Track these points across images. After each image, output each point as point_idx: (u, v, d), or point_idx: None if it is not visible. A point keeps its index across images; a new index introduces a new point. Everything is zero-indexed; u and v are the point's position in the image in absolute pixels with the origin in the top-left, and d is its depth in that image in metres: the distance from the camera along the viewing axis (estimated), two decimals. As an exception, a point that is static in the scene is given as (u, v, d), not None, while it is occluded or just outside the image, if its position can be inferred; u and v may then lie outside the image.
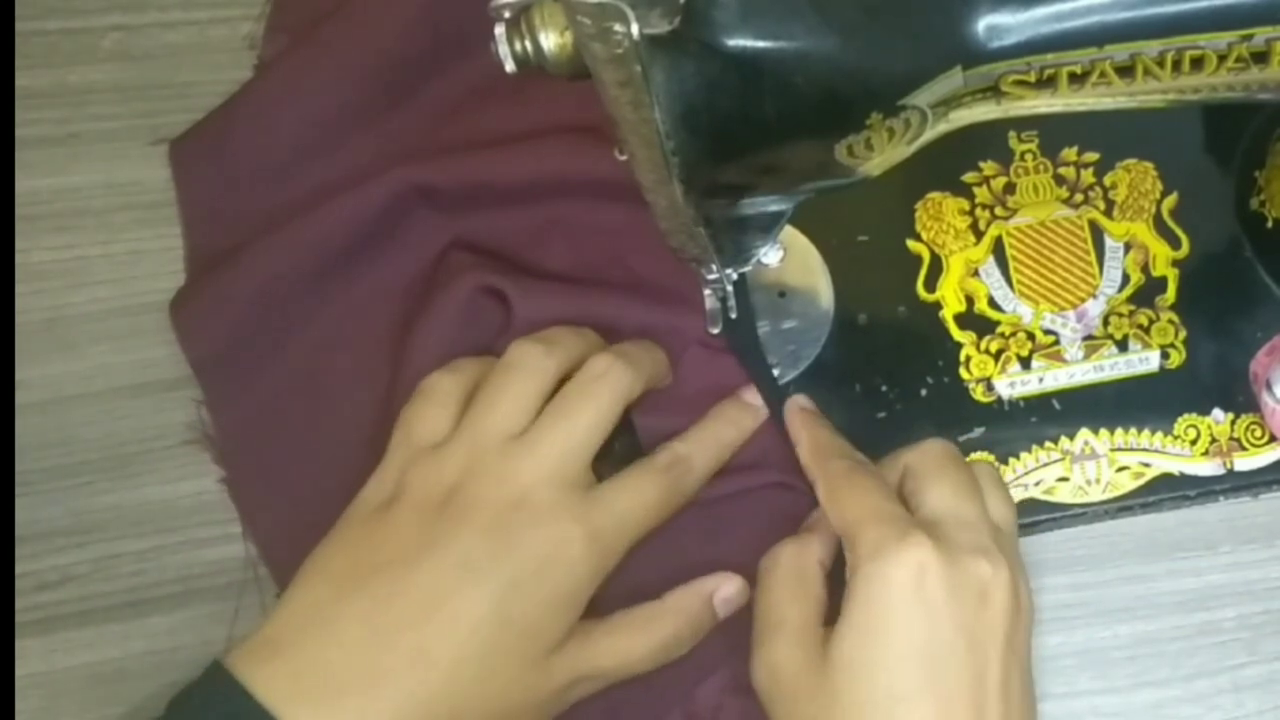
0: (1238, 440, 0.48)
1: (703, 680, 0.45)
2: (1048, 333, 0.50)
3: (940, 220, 0.51)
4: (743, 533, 0.46)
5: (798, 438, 0.46)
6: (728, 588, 0.44)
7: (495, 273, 0.48)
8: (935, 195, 0.51)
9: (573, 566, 0.39)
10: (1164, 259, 0.50)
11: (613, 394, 0.42)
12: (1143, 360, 0.49)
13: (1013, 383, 0.49)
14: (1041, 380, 0.49)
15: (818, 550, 0.43)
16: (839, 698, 0.38)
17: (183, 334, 0.49)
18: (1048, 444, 0.48)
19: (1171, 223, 0.51)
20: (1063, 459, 0.48)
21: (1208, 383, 0.49)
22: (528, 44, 0.32)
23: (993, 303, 0.50)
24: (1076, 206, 0.51)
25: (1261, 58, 0.33)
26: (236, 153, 0.51)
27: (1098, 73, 0.34)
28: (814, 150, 0.34)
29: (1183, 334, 0.49)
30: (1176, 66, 0.33)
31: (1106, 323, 0.50)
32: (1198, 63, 0.33)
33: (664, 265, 0.47)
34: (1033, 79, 0.34)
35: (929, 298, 0.50)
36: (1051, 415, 0.49)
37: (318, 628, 0.38)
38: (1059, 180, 0.51)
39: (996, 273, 0.50)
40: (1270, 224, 0.49)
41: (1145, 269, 0.50)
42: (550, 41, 0.32)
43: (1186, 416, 0.49)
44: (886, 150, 0.34)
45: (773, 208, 0.40)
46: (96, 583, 0.48)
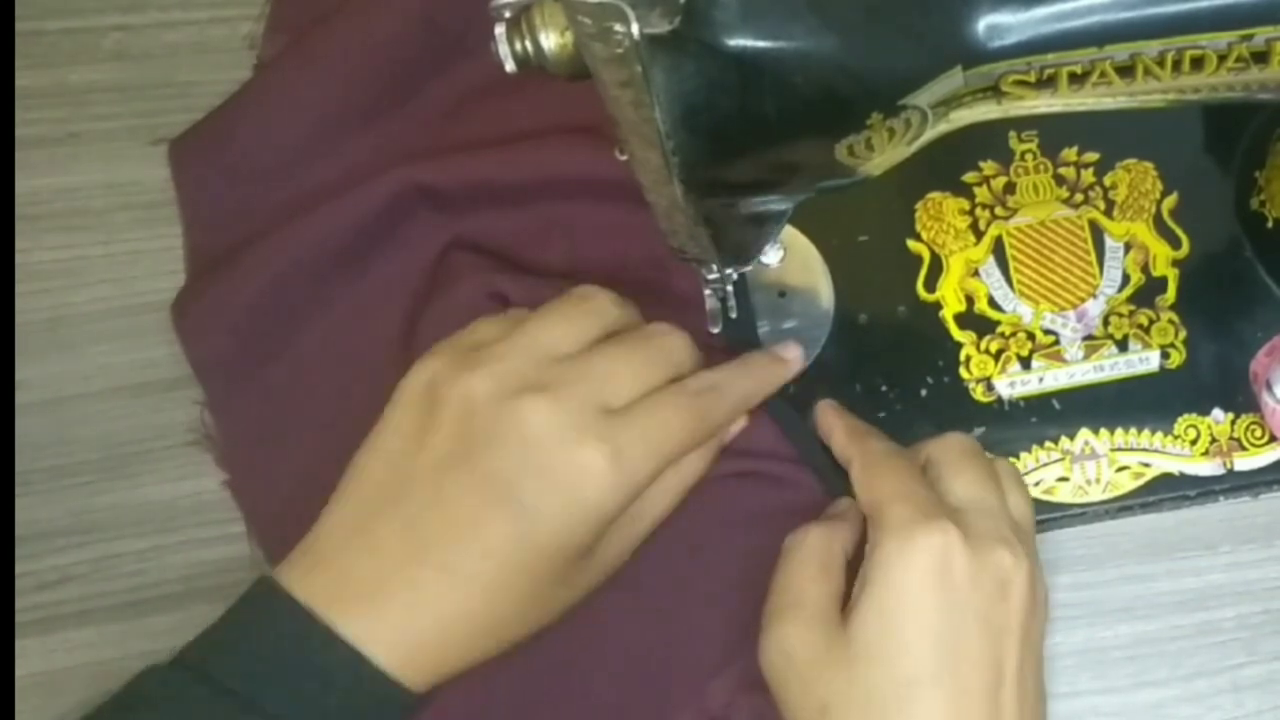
0: (1238, 440, 0.48)
1: (715, 677, 0.45)
2: (1048, 333, 0.50)
3: (940, 220, 0.51)
4: (735, 516, 0.46)
5: (832, 425, 0.45)
6: (735, 427, 0.45)
7: (496, 273, 0.48)
8: (935, 195, 0.51)
9: (597, 488, 0.39)
10: (1164, 259, 0.50)
11: (674, 358, 0.42)
12: (1143, 360, 0.49)
13: (1013, 382, 0.49)
14: (1041, 380, 0.49)
15: (844, 536, 0.43)
16: (854, 680, 0.38)
17: (185, 336, 0.49)
18: (1048, 444, 0.48)
19: (1171, 223, 0.51)
20: (1063, 459, 0.48)
21: (1208, 383, 0.49)
22: (528, 44, 0.32)
23: (993, 303, 0.50)
24: (1076, 206, 0.51)
25: (1261, 58, 0.33)
26: (236, 152, 0.51)
27: (1098, 73, 0.34)
28: (814, 150, 0.34)
29: (1183, 334, 0.49)
30: (1176, 66, 0.33)
31: (1106, 323, 0.50)
32: (1198, 63, 0.33)
33: (664, 265, 0.47)
34: (1033, 79, 0.34)
35: (929, 298, 0.50)
36: (1051, 415, 0.49)
37: (359, 541, 0.38)
38: (1059, 180, 0.51)
39: (996, 273, 0.50)
40: (1270, 224, 0.49)
41: (1145, 269, 0.50)
42: (551, 41, 0.32)
43: (1186, 416, 0.49)
44: (887, 150, 0.34)
45: (773, 208, 0.40)
46: (96, 583, 0.48)
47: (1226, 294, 0.50)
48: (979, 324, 0.50)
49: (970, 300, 0.50)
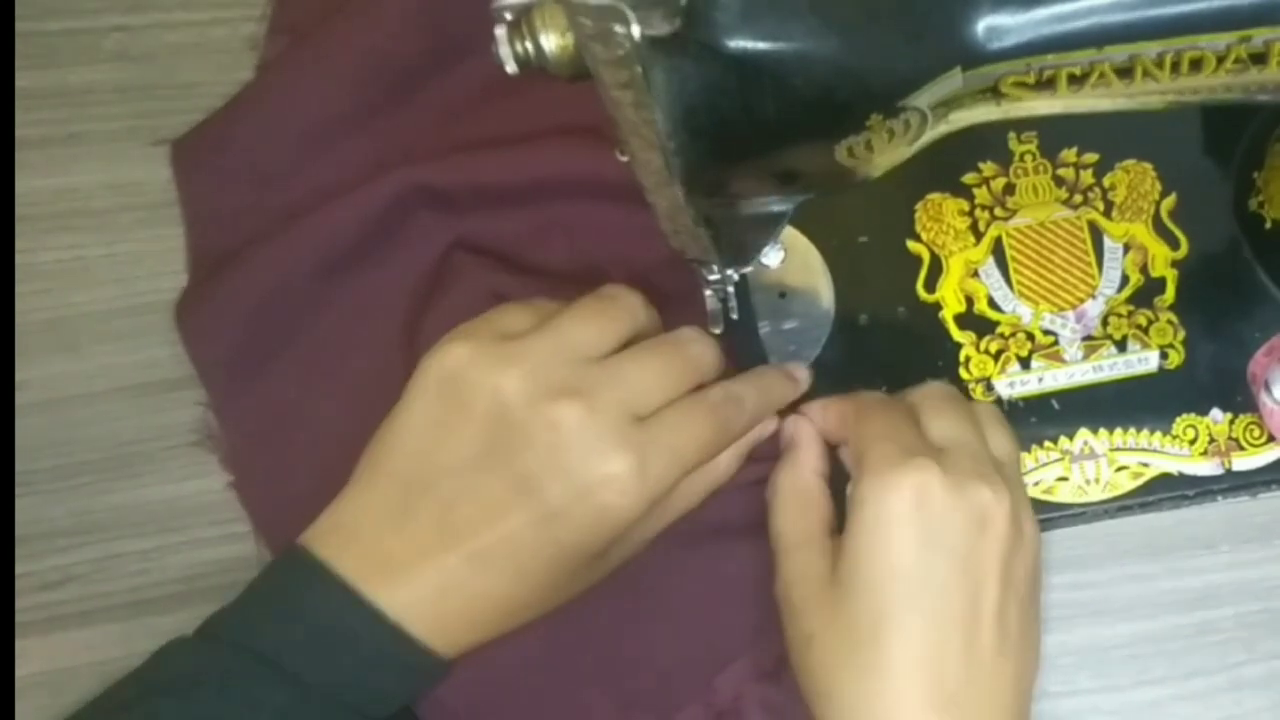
0: (1236, 440, 0.48)
1: (723, 669, 0.45)
2: (1047, 333, 0.50)
3: (940, 221, 0.51)
4: (741, 518, 0.46)
5: (824, 406, 0.46)
6: (767, 430, 0.45)
7: (498, 274, 0.48)
8: (935, 196, 0.51)
9: (621, 498, 0.39)
10: (1163, 260, 0.50)
11: (701, 366, 0.42)
12: (1142, 360, 0.49)
13: (1012, 383, 0.49)
14: (1041, 380, 0.49)
15: (809, 462, 0.43)
16: (835, 613, 0.39)
17: (188, 338, 0.49)
18: (1047, 444, 0.48)
19: (1170, 223, 0.51)
20: (1062, 459, 0.48)
21: (1206, 383, 0.49)
22: (529, 45, 0.32)
23: (992, 303, 0.50)
24: (1076, 207, 0.51)
25: (1260, 59, 0.33)
26: (238, 153, 0.51)
27: (1097, 74, 0.34)
28: (814, 151, 0.34)
29: (1181, 334, 0.49)
30: (1175, 68, 0.33)
31: (1105, 323, 0.50)
32: (1197, 64, 0.33)
33: (664, 265, 0.47)
34: (1032, 80, 0.34)
35: (929, 298, 0.50)
36: (1051, 415, 0.49)
37: (390, 521, 0.39)
38: (1058, 181, 0.51)
39: (996, 273, 0.50)
40: (1269, 225, 0.49)
41: (1144, 270, 0.50)
42: (551, 43, 0.32)
43: (1185, 416, 0.49)
44: (887, 151, 0.34)
45: (773, 208, 0.40)
46: (98, 583, 0.48)
47: (1225, 295, 0.50)
48: (978, 324, 0.50)
49: (970, 301, 0.50)
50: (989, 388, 0.49)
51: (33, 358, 0.50)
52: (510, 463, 0.39)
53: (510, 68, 0.33)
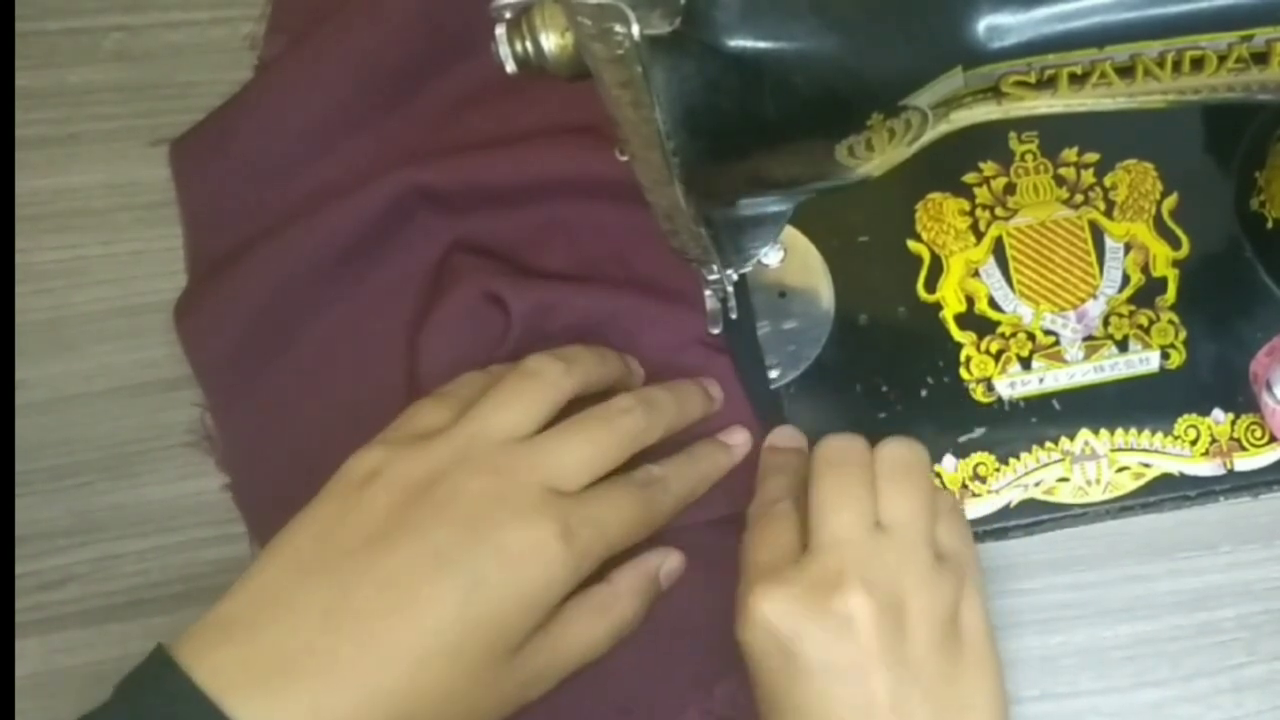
0: (1238, 440, 0.48)
1: (721, 678, 0.45)
2: (1048, 333, 0.50)
3: (940, 221, 0.51)
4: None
5: (770, 465, 0.46)
6: (671, 561, 0.45)
7: (496, 276, 0.48)
8: (935, 196, 0.51)
9: (546, 568, 0.38)
10: (1164, 259, 0.50)
11: (630, 434, 0.42)
12: (1143, 360, 0.49)
13: (1013, 383, 0.49)
14: (1042, 380, 0.49)
15: (776, 490, 0.44)
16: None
17: (186, 340, 0.49)
18: (1048, 444, 0.48)
19: (1171, 223, 0.51)
20: (1063, 459, 0.48)
21: (1208, 383, 0.49)
22: (528, 45, 0.32)
23: (993, 303, 0.50)
24: (1077, 207, 0.51)
25: (1261, 58, 0.33)
26: (237, 153, 0.51)
27: (1098, 73, 0.34)
28: (815, 151, 0.34)
29: (1183, 334, 0.49)
30: (1177, 67, 0.33)
31: (1107, 323, 0.50)
32: (1198, 63, 0.33)
33: (664, 265, 0.47)
34: (1033, 80, 0.34)
35: (929, 298, 0.50)
36: (1051, 415, 0.49)
37: (274, 611, 0.36)
38: (1059, 181, 0.51)
39: (997, 273, 0.50)
40: (1270, 224, 0.49)
41: (1145, 269, 0.50)
42: (551, 42, 0.32)
43: (1186, 417, 0.49)
44: (887, 151, 0.34)
45: (773, 208, 0.40)
46: (97, 583, 0.48)
47: (1226, 294, 0.50)
48: (979, 324, 0.50)
49: (970, 301, 0.50)
50: (989, 388, 0.49)
51: (32, 357, 0.50)
52: (425, 535, 0.37)
53: (510, 67, 0.33)
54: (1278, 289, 0.49)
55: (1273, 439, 0.48)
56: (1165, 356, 0.49)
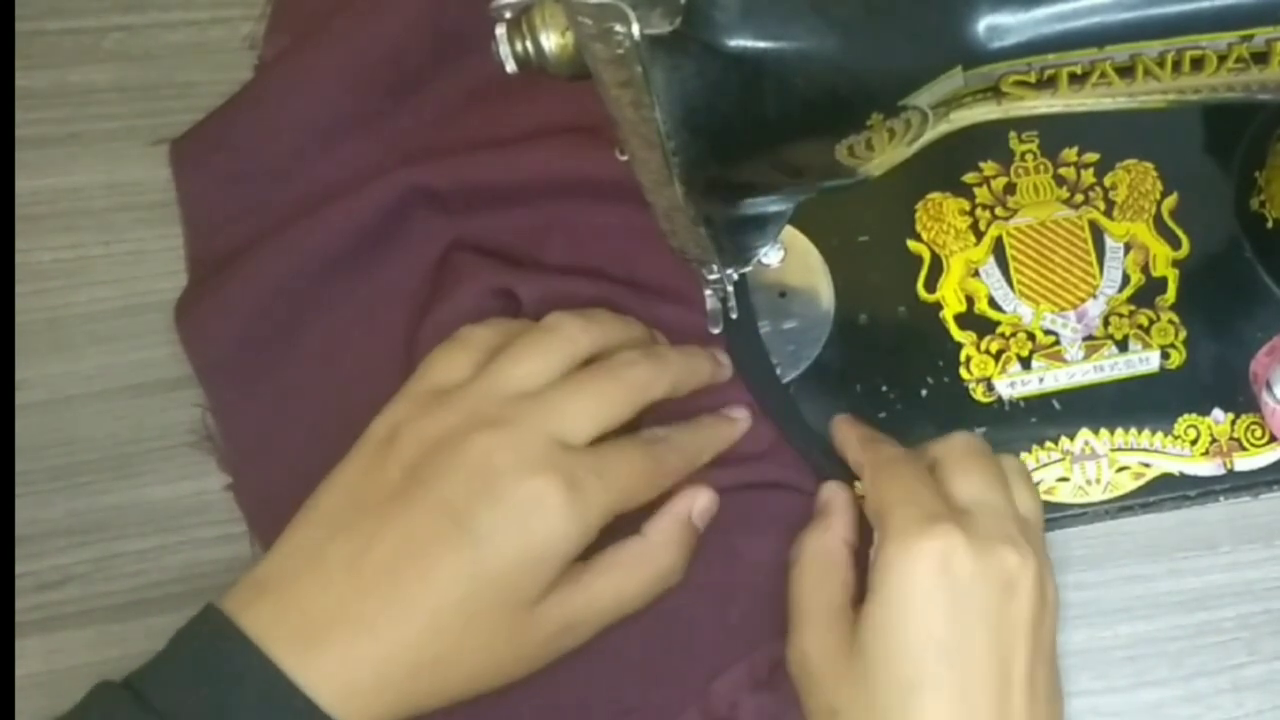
0: (1238, 440, 0.48)
1: (719, 676, 0.45)
2: (1048, 333, 0.50)
3: (941, 220, 0.51)
4: (737, 523, 0.46)
5: (846, 436, 0.46)
6: (701, 500, 0.44)
7: (499, 274, 0.48)
8: (936, 195, 0.51)
9: (554, 522, 0.38)
10: (1164, 259, 0.50)
11: (637, 385, 0.42)
12: (1143, 360, 0.49)
13: (1013, 383, 0.49)
14: (1042, 380, 0.49)
15: (840, 531, 0.43)
16: (860, 685, 0.38)
17: (188, 341, 0.49)
18: (1048, 444, 0.48)
19: (1171, 223, 0.51)
20: (1063, 459, 0.48)
21: (1208, 383, 0.49)
22: (529, 44, 0.32)
23: (993, 303, 0.50)
24: (1077, 207, 0.51)
25: (1261, 58, 0.33)
26: (237, 153, 0.51)
27: (1098, 73, 0.34)
28: (815, 151, 0.34)
29: (1183, 334, 0.49)
30: (1177, 67, 0.33)
31: (1107, 323, 0.50)
32: (1198, 63, 0.33)
33: (665, 265, 0.47)
34: (1033, 79, 0.34)
35: (929, 298, 0.50)
36: (1052, 415, 0.49)
37: (305, 569, 0.38)
38: (1059, 180, 0.51)
39: (997, 273, 0.50)
40: (1270, 224, 0.49)
41: (1145, 269, 0.50)
42: (551, 42, 0.32)
43: (1186, 416, 0.49)
44: (887, 150, 0.34)
45: (773, 208, 0.40)
46: (97, 583, 0.48)
47: (1226, 294, 0.50)
48: (979, 324, 0.50)
49: (970, 300, 0.50)
50: (989, 388, 0.49)
51: (32, 357, 0.50)
52: (433, 492, 0.38)
53: (510, 67, 0.33)
54: (1278, 289, 0.49)
55: (1273, 439, 0.48)
56: (1165, 356, 0.49)
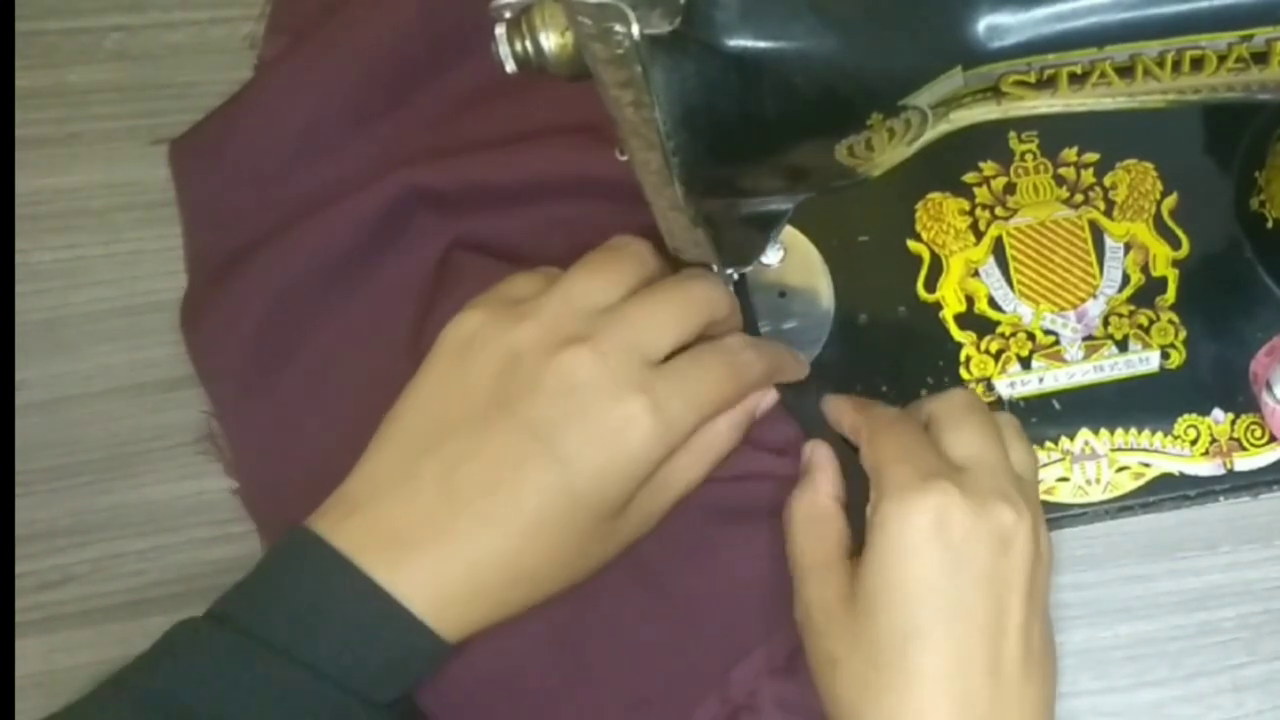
0: (1238, 440, 0.48)
1: (738, 663, 0.45)
2: (1048, 333, 0.50)
3: (940, 220, 0.51)
4: (753, 512, 0.46)
5: (840, 408, 0.46)
6: (769, 399, 0.45)
7: (500, 271, 0.48)
8: (935, 195, 0.51)
9: (638, 439, 0.39)
10: (1164, 259, 0.50)
11: (706, 301, 0.42)
12: (1143, 360, 0.49)
13: (1013, 383, 0.49)
14: (1041, 380, 0.49)
15: (826, 487, 0.43)
16: (859, 633, 0.39)
17: (195, 351, 0.49)
18: (1048, 444, 0.48)
19: (1171, 223, 0.51)
20: (1063, 459, 0.48)
21: (1208, 383, 0.49)
22: (528, 44, 0.32)
23: (993, 303, 0.50)
24: (1076, 207, 0.51)
25: (1261, 58, 0.33)
26: (237, 153, 0.51)
27: (1098, 73, 0.34)
28: (814, 151, 0.34)
29: (1183, 334, 0.49)
30: (1176, 67, 0.33)
31: (1106, 323, 0.50)
32: (1198, 63, 0.33)
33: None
34: (1033, 79, 0.34)
35: (929, 298, 0.50)
36: (1051, 415, 0.49)
37: (394, 487, 0.39)
38: (1059, 180, 0.51)
39: (997, 273, 0.50)
40: (1270, 224, 0.49)
41: (1145, 269, 0.50)
42: (551, 42, 0.32)
43: (1186, 416, 0.49)
44: (887, 150, 0.34)
45: (773, 208, 0.40)
46: (97, 583, 0.48)
47: (1226, 294, 0.50)
48: (979, 324, 0.50)
49: (970, 300, 0.50)
50: (989, 388, 0.49)
51: (31, 357, 0.50)
52: (519, 412, 0.38)
53: (509, 67, 0.33)
54: (1278, 289, 0.49)
55: (1273, 439, 0.48)
56: (1165, 356, 0.49)
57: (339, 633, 0.37)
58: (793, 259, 0.49)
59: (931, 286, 0.50)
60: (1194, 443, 0.48)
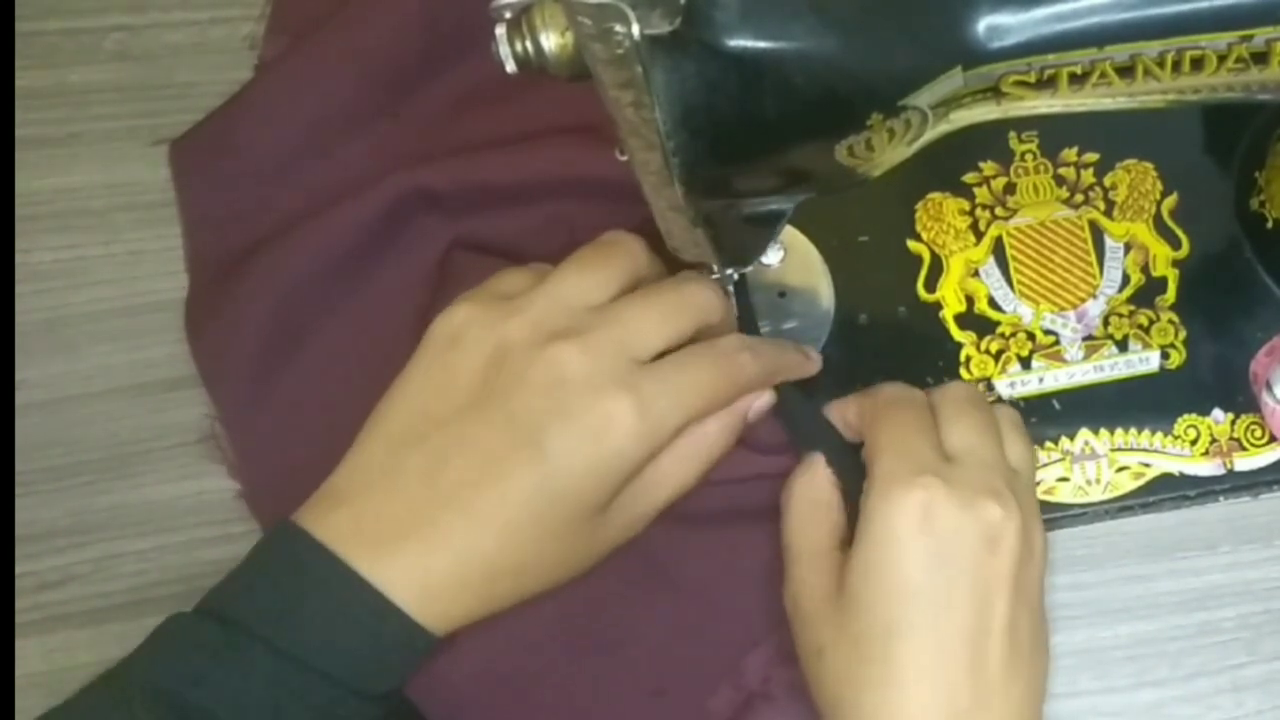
0: (1238, 440, 0.48)
1: (750, 651, 0.45)
2: (1048, 333, 0.50)
3: (940, 220, 0.51)
4: (765, 508, 0.45)
5: (844, 404, 0.45)
6: (763, 400, 0.45)
7: (502, 267, 0.48)
8: (935, 195, 0.51)
9: (621, 436, 0.38)
10: (1164, 259, 0.50)
11: (701, 305, 0.42)
12: (1143, 360, 0.49)
13: (1013, 383, 0.49)
14: (1041, 380, 0.49)
15: (825, 473, 0.43)
16: (844, 625, 0.39)
17: (198, 355, 0.49)
18: (1048, 444, 0.48)
19: (1171, 223, 0.51)
20: (1063, 459, 0.48)
21: (1208, 383, 0.49)
22: (528, 44, 0.32)
23: (993, 303, 0.50)
24: (1076, 207, 0.51)
25: (1261, 58, 0.33)
26: (237, 153, 0.51)
27: (1098, 73, 0.34)
28: (814, 151, 0.34)
29: (1183, 334, 0.49)
30: (1176, 67, 0.33)
31: (1106, 323, 0.50)
32: (1198, 63, 0.33)
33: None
34: (1033, 79, 0.34)
35: (929, 298, 0.50)
36: (1051, 415, 0.49)
37: (379, 480, 0.39)
38: (1059, 180, 0.51)
39: (997, 273, 0.50)
40: (1270, 224, 0.49)
41: (1145, 269, 0.50)
42: (551, 42, 0.32)
43: (1186, 416, 0.49)
44: (887, 151, 0.34)
45: (773, 208, 0.40)
46: (97, 583, 0.48)
47: (1226, 294, 0.50)
48: (979, 324, 0.50)
49: (970, 300, 0.50)
50: (990, 388, 0.49)
51: (31, 357, 0.50)
52: (505, 406, 0.38)
53: (510, 67, 0.33)
54: (1278, 289, 0.49)
55: (1273, 439, 0.48)
56: (1165, 356, 0.49)
57: (323, 625, 0.37)
58: (793, 259, 0.49)
59: (931, 286, 0.50)
60: (1194, 443, 0.48)
